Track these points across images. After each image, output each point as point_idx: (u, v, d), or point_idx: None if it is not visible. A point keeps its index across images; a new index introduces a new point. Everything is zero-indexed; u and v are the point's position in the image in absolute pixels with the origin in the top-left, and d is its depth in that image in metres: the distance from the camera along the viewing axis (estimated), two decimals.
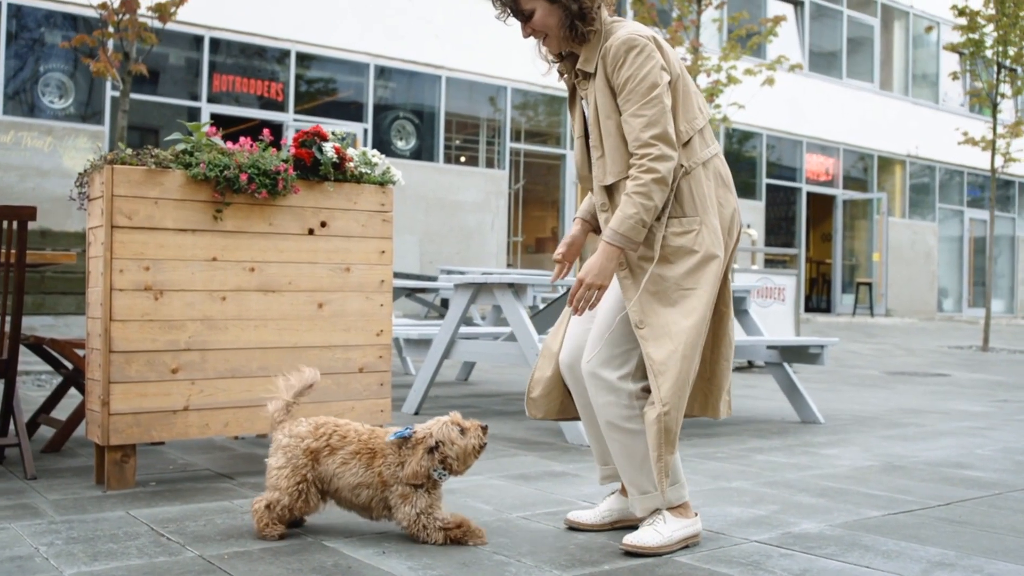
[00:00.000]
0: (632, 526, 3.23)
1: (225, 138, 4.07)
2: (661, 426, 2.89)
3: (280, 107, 14.93)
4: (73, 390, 5.63)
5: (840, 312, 22.67)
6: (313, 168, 4.13)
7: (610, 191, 3.04)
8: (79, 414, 4.49)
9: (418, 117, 16.67)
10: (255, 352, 3.97)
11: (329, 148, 4.13)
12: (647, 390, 3.01)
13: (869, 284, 22.45)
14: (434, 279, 10.99)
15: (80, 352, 4.56)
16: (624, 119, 2.97)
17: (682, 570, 2.79)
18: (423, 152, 16.41)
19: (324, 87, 15.80)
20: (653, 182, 2.89)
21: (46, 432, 5.01)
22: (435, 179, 16.44)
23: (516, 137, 17.95)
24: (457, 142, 17.35)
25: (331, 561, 2.80)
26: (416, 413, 6.14)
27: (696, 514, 3.10)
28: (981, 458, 4.88)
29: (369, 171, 4.29)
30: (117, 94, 10.25)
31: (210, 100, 14.21)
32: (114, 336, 3.68)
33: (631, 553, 2.92)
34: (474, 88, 17.37)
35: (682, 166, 3.00)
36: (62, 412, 5.25)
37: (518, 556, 2.90)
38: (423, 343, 6.48)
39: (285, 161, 4.04)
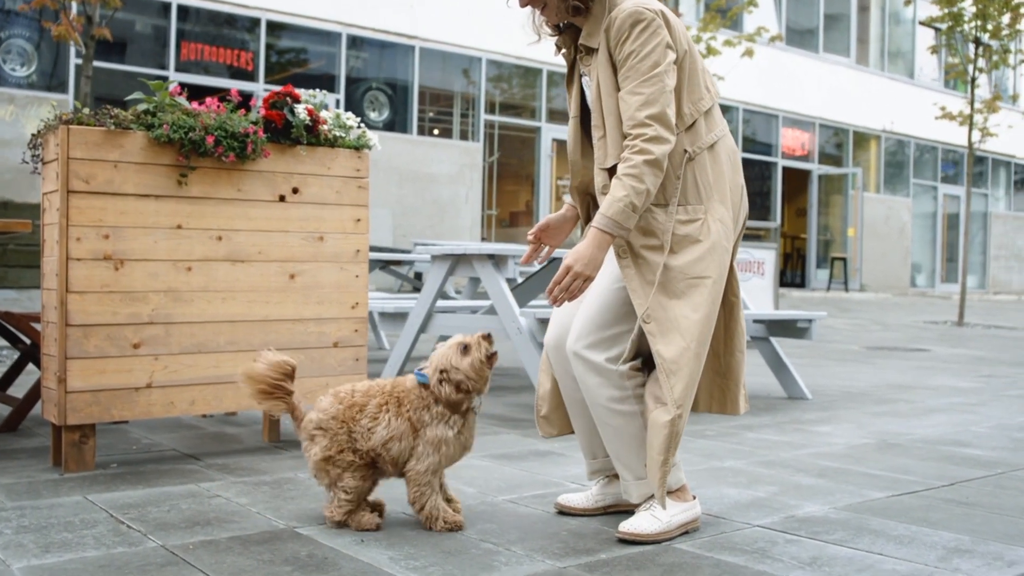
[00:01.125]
0: (626, 511, 3.04)
1: (191, 99, 3.82)
2: (672, 430, 2.70)
3: (250, 77, 14.57)
4: (31, 366, 5.38)
5: (815, 287, 22.61)
6: (284, 131, 3.88)
7: (612, 174, 2.78)
8: (36, 392, 4.25)
9: (391, 88, 16.36)
10: (223, 326, 3.74)
11: (301, 110, 3.89)
12: (637, 369, 2.81)
13: (844, 259, 22.40)
14: (408, 252, 10.76)
15: (37, 326, 4.32)
16: (621, 96, 2.75)
17: (684, 559, 2.60)
18: (396, 124, 16.12)
19: (295, 57, 15.45)
20: (645, 164, 2.66)
21: (2, 410, 4.76)
22: (408, 151, 16.15)
23: (491, 109, 17.68)
24: (431, 114, 17.06)
25: (305, 551, 2.59)
26: None
27: (694, 497, 2.91)
28: (977, 435, 4.73)
29: (344, 135, 4.06)
30: (81, 61, 9.89)
31: (178, 70, 13.84)
32: (71, 309, 3.43)
33: (628, 541, 2.73)
34: (448, 59, 17.07)
35: (686, 151, 2.79)
36: (19, 389, 5.00)
37: (507, 544, 2.70)
38: (399, 317, 6.25)
39: (254, 123, 3.79)
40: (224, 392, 3.74)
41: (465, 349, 2.83)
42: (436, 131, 17.06)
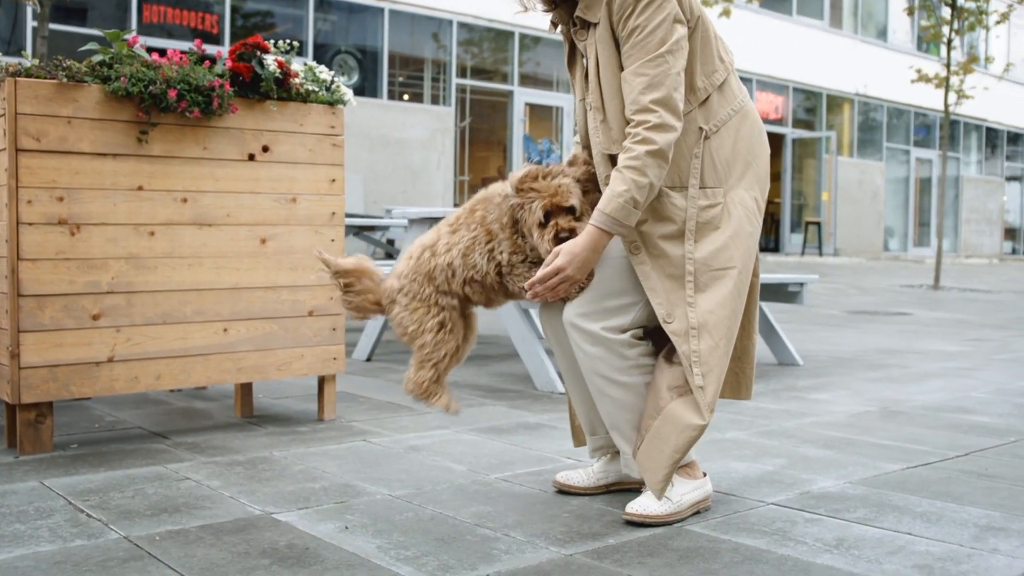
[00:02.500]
0: (629, 489, 2.83)
1: (150, 51, 3.53)
2: (698, 435, 2.49)
3: (215, 41, 14.14)
4: None
5: (789, 252, 22.50)
6: (253, 84, 3.60)
7: (616, 162, 2.52)
8: None
9: (360, 52, 15.99)
10: (189, 294, 3.48)
11: (271, 62, 3.61)
12: (639, 338, 2.58)
13: (818, 224, 22.29)
14: (380, 218, 10.47)
15: None
16: (624, 77, 2.48)
17: (699, 543, 2.39)
18: (366, 89, 15.75)
19: (262, 21, 15.01)
20: (648, 155, 2.41)
21: None
22: (379, 116, 15.80)
23: (462, 73, 17.34)
24: (401, 79, 16.70)
25: (284, 540, 2.35)
26: (368, 360, 5.69)
27: (705, 474, 2.69)
28: (980, 402, 4.55)
29: (317, 89, 3.78)
30: (36, 23, 9.48)
31: (140, 32, 13.38)
32: (23, 278, 3.16)
33: (636, 523, 2.51)
34: (418, 22, 16.70)
35: (701, 128, 2.54)
36: None
37: (505, 529, 2.47)
38: None
39: (220, 76, 3.51)
40: (192, 365, 3.49)
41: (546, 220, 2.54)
42: (406, 96, 16.71)
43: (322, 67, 3.82)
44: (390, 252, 11.25)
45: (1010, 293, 15.16)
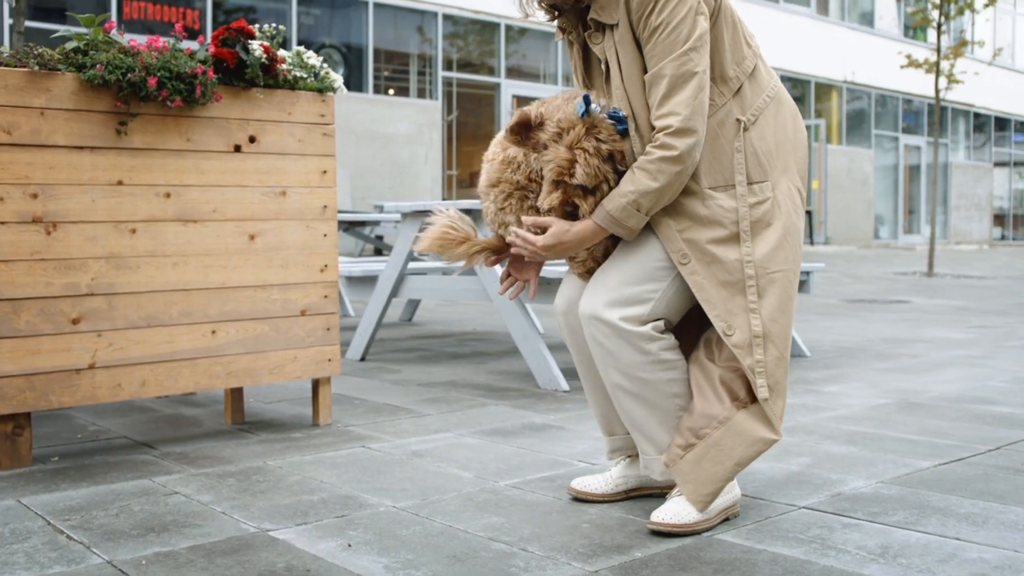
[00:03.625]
0: (650, 495, 2.65)
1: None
2: (765, 450, 2.36)
3: (196, 37, 13.90)
4: None
5: None
6: (238, 71, 3.40)
7: None
8: None
9: (345, 46, 15.76)
10: (175, 295, 3.28)
11: (257, 47, 3.41)
12: (660, 331, 2.39)
13: (809, 212, 22.15)
14: (368, 214, 10.26)
15: None
16: (647, 78, 2.30)
17: (734, 553, 2.21)
18: (351, 83, 15.52)
19: (244, 16, 14.77)
20: (663, 160, 2.25)
21: None
22: (365, 111, 15.58)
23: (448, 66, 17.12)
24: (386, 73, 16.48)
25: (283, 561, 2.16)
26: (362, 359, 5.50)
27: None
28: (1000, 391, 4.39)
29: (305, 75, 3.59)
30: (12, 20, 9.23)
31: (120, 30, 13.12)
32: None
33: (663, 532, 2.32)
34: (403, 14, 16.47)
35: (739, 120, 2.36)
36: None
37: (521, 543, 2.29)
38: (367, 281, 5.81)
39: (203, 62, 3.31)
40: (179, 370, 3.29)
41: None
42: (392, 90, 16.49)
43: (310, 52, 3.62)
44: (379, 248, 11.06)
45: (1004, 279, 15.04)
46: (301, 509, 2.55)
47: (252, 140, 3.44)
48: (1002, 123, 30.06)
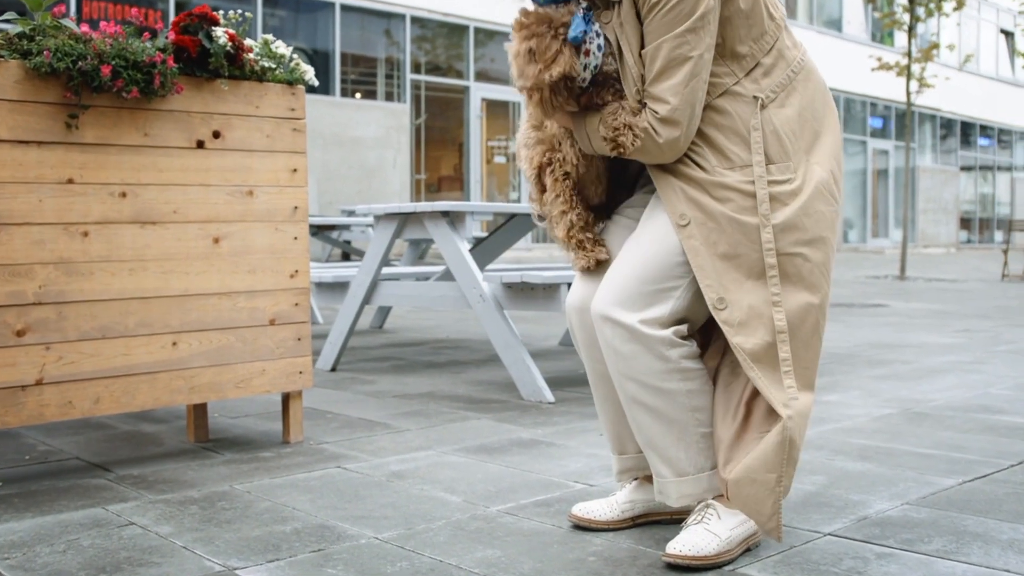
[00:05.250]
0: (659, 521, 2.41)
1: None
2: (783, 438, 2.09)
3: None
4: None
5: None
6: (200, 61, 3.13)
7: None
8: None
9: (311, 48, 15.45)
10: (132, 304, 3.00)
11: (221, 34, 3.14)
12: (682, 336, 2.15)
13: None
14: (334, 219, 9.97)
15: None
16: (644, 53, 2.08)
17: None
18: (318, 86, 15.21)
19: None
20: (648, 138, 2.09)
21: None
22: (332, 114, 15.29)
23: (416, 69, 16.86)
24: (354, 76, 16.19)
25: None
26: (333, 369, 5.22)
27: None
28: (1004, 400, 4.20)
29: (274, 66, 3.32)
30: None
31: None
32: None
33: (681, 567, 2.08)
34: (370, 17, 16.20)
35: (756, 98, 2.13)
36: None
37: None
38: (337, 287, 5.53)
39: (162, 50, 3.04)
40: (137, 386, 3.01)
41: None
42: (359, 94, 16.20)
43: (279, 42, 3.36)
44: (347, 252, 10.78)
45: (976, 282, 14.99)
46: (272, 542, 2.28)
47: (216, 135, 3.17)
48: (967, 127, 30.21)
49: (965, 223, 30.87)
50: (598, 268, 2.30)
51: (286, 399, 3.43)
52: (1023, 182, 33.33)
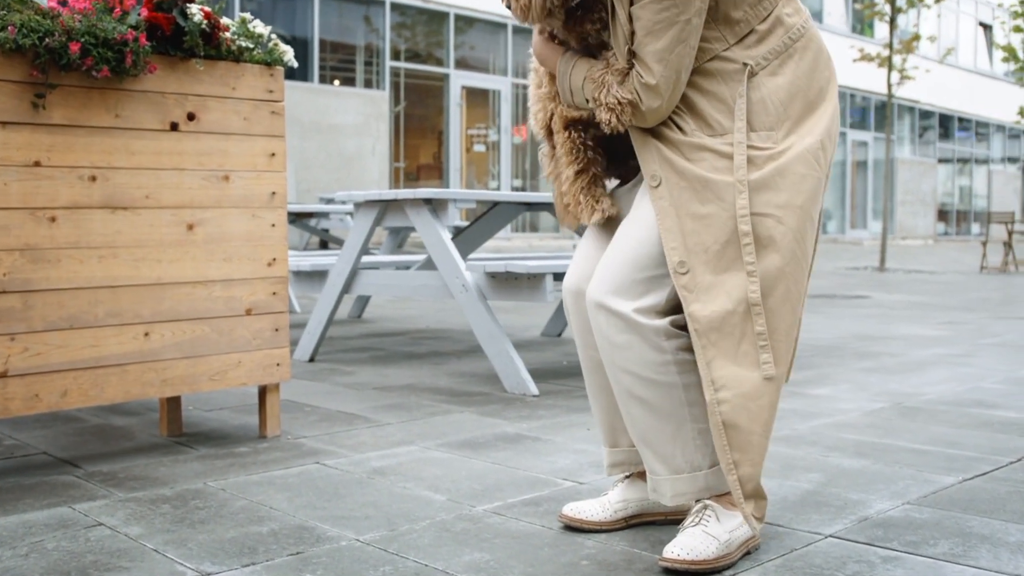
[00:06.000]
0: (654, 522, 2.31)
1: None
2: (713, 412, 2.00)
3: None
4: None
5: None
6: (175, 39, 3.01)
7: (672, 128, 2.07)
8: None
9: (289, 34, 15.26)
10: (101, 292, 2.87)
11: (196, 11, 3.01)
12: (680, 326, 2.05)
13: None
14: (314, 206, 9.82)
15: None
16: (632, 11, 1.96)
17: None
18: (296, 72, 15.02)
19: None
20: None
21: None
22: (310, 101, 15.11)
23: (396, 56, 16.69)
24: (332, 63, 16.01)
25: None
26: (311, 360, 5.10)
27: None
28: (996, 394, 4.13)
29: (252, 46, 3.20)
30: None
31: None
32: None
33: (677, 571, 1.98)
34: (350, 2, 16.01)
35: (746, 65, 2.02)
36: None
37: None
38: (316, 276, 5.41)
39: (134, 27, 2.90)
40: (107, 378, 2.88)
41: None
42: (336, 82, 16.01)
43: (256, 20, 3.23)
44: (325, 241, 10.64)
45: (955, 274, 15.02)
46: (248, 544, 2.17)
47: (191, 117, 3.04)
48: (946, 120, 30.29)
49: (942, 215, 30.97)
50: (607, 227, 2.19)
51: (263, 392, 3.31)
52: (1000, 175, 33.48)
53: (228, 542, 2.18)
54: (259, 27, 3.21)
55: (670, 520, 2.30)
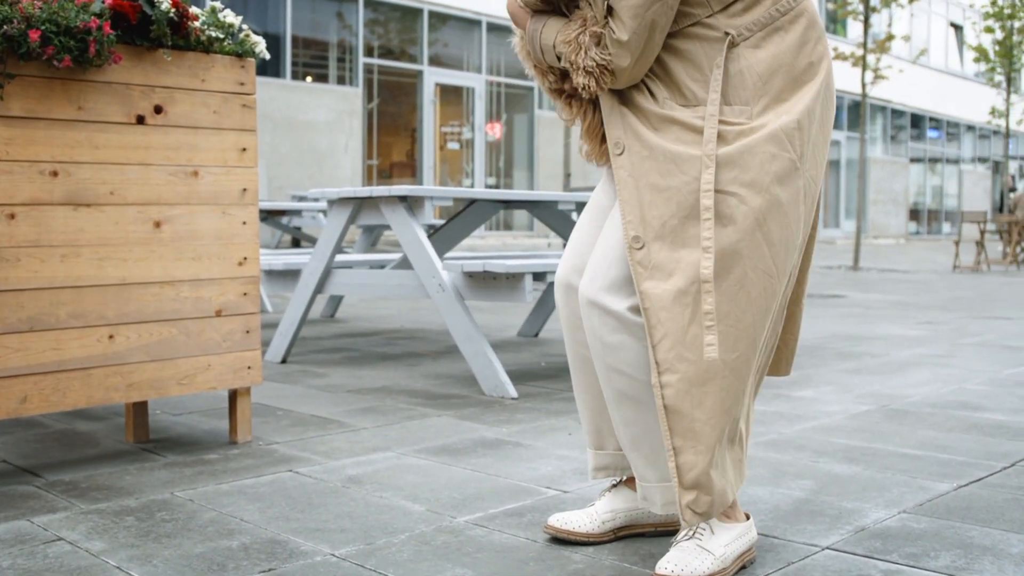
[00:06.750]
0: (643, 534, 2.21)
1: None
2: (659, 404, 1.90)
3: None
4: None
5: None
6: (141, 28, 2.88)
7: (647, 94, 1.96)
8: None
9: (261, 30, 15.07)
10: (63, 293, 2.75)
11: (164, 0, 2.89)
12: None
13: None
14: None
15: None
16: None
17: None
18: (268, 68, 14.85)
19: None
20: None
21: None
22: (282, 97, 14.93)
23: (369, 53, 16.54)
24: (305, 59, 15.83)
25: None
26: (283, 361, 4.98)
27: (748, 516, 2.09)
28: (981, 395, 4.06)
29: (222, 36, 3.07)
30: None
31: None
32: None
33: None
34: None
35: (727, 34, 1.92)
36: None
37: None
38: (288, 275, 5.28)
39: (98, 15, 2.78)
40: (69, 383, 2.75)
41: None
42: (308, 78, 15.84)
43: (227, 10, 3.11)
44: (298, 239, 10.50)
45: (929, 273, 15.05)
46: (217, 560, 2.05)
47: (158, 110, 2.92)
48: (917, 120, 30.44)
49: (914, 214, 31.13)
50: (599, 215, 2.09)
51: (233, 396, 3.19)
52: (970, 174, 33.70)
53: (196, 558, 2.07)
54: (230, 17, 3.09)
55: (660, 532, 2.21)
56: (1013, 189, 23.82)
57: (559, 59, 1.97)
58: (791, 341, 2.14)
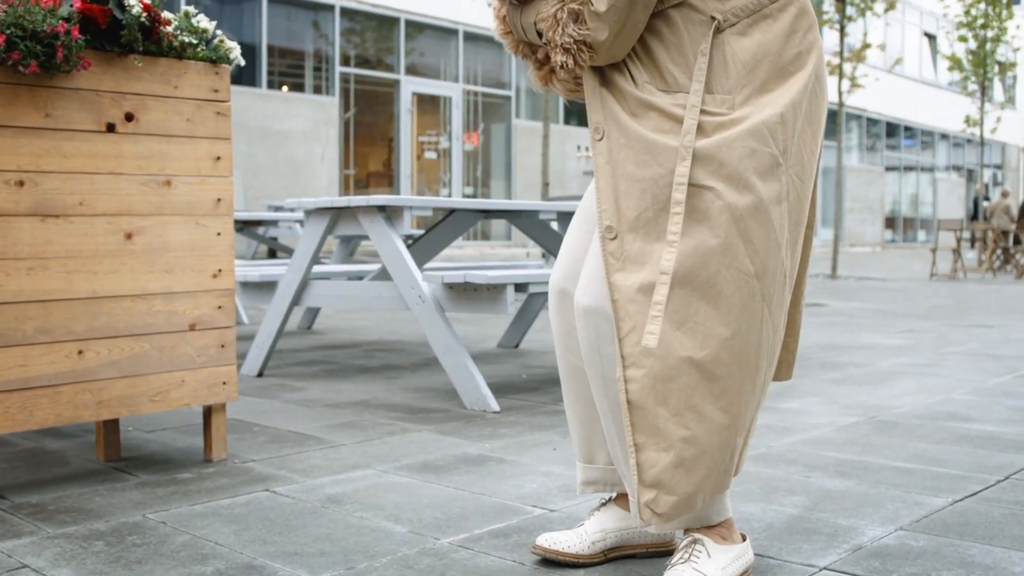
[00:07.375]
0: (638, 555, 2.13)
1: None
2: (622, 399, 1.83)
3: None
4: None
5: None
6: (111, 33, 2.79)
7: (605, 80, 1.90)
8: None
9: (237, 38, 14.94)
10: (30, 307, 2.64)
11: (135, 4, 2.80)
12: None
13: None
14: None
15: None
16: None
17: None
18: (243, 77, 14.73)
19: None
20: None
21: None
22: (258, 106, 14.81)
23: (346, 62, 16.44)
24: (281, 68, 15.72)
25: None
26: (259, 375, 4.88)
27: (745, 537, 2.01)
28: (969, 406, 4.02)
29: (195, 42, 2.98)
30: None
31: None
32: None
33: None
34: (298, 8, 15.74)
35: (713, 18, 1.85)
36: None
37: None
38: (265, 287, 5.18)
39: (67, 20, 2.68)
40: (36, 401, 2.65)
41: None
42: (284, 87, 15.73)
43: (200, 15, 3.02)
44: (274, 249, 10.38)
45: (906, 281, 15.07)
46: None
47: (129, 118, 2.83)
48: (892, 128, 30.61)
49: (889, 222, 31.30)
50: (592, 220, 2.02)
51: (208, 412, 3.09)
52: (945, 182, 33.92)
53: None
54: (203, 22, 3.00)
55: (652, 553, 2.13)
56: (987, 198, 23.97)
57: (540, 36, 1.90)
58: (792, 344, 2.07)
